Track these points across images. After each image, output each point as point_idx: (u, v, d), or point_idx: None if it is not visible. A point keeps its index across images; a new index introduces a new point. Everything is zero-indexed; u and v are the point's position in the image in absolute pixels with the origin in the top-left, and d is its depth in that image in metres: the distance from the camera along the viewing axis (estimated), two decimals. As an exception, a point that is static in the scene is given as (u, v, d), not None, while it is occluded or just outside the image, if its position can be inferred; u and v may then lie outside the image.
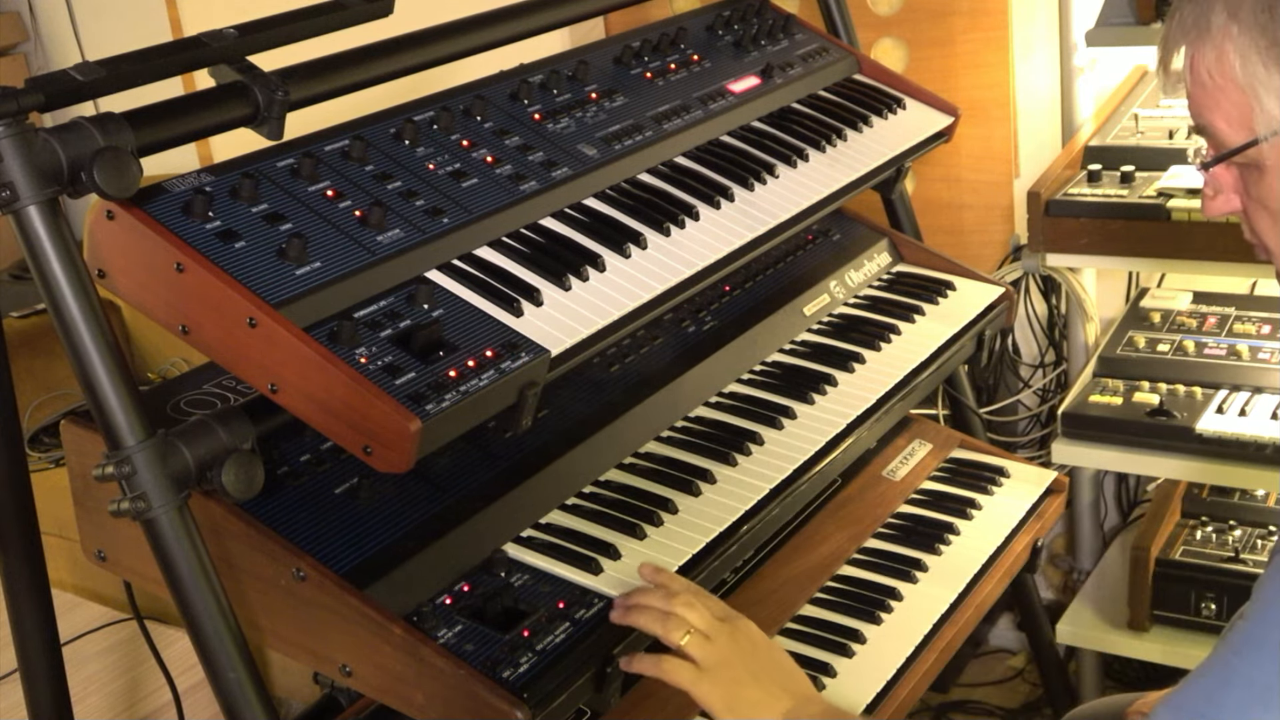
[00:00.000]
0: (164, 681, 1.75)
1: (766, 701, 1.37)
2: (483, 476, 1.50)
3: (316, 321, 1.28)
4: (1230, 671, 1.11)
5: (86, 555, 1.45)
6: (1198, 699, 1.13)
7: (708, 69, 1.95)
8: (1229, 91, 1.18)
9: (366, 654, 1.28)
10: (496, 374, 1.31)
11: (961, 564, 1.97)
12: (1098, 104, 2.64)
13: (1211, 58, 1.19)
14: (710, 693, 1.36)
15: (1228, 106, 1.19)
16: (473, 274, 1.43)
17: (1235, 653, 1.11)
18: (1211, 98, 1.21)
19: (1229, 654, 1.12)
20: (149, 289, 1.29)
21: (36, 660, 1.57)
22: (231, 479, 1.26)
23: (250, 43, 1.42)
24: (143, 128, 1.28)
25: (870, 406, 1.81)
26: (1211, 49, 1.18)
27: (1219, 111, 1.21)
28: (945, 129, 2.14)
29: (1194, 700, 1.13)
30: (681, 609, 1.37)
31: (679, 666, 1.37)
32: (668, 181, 1.72)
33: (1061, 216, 2.35)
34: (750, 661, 1.38)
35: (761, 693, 1.37)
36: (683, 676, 1.36)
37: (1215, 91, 1.20)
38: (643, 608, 1.37)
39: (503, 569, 1.42)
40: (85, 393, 1.21)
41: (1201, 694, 1.13)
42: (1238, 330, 2.39)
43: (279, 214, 1.37)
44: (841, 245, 2.18)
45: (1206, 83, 1.20)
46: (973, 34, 2.73)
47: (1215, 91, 1.20)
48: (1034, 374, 2.89)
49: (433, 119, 1.58)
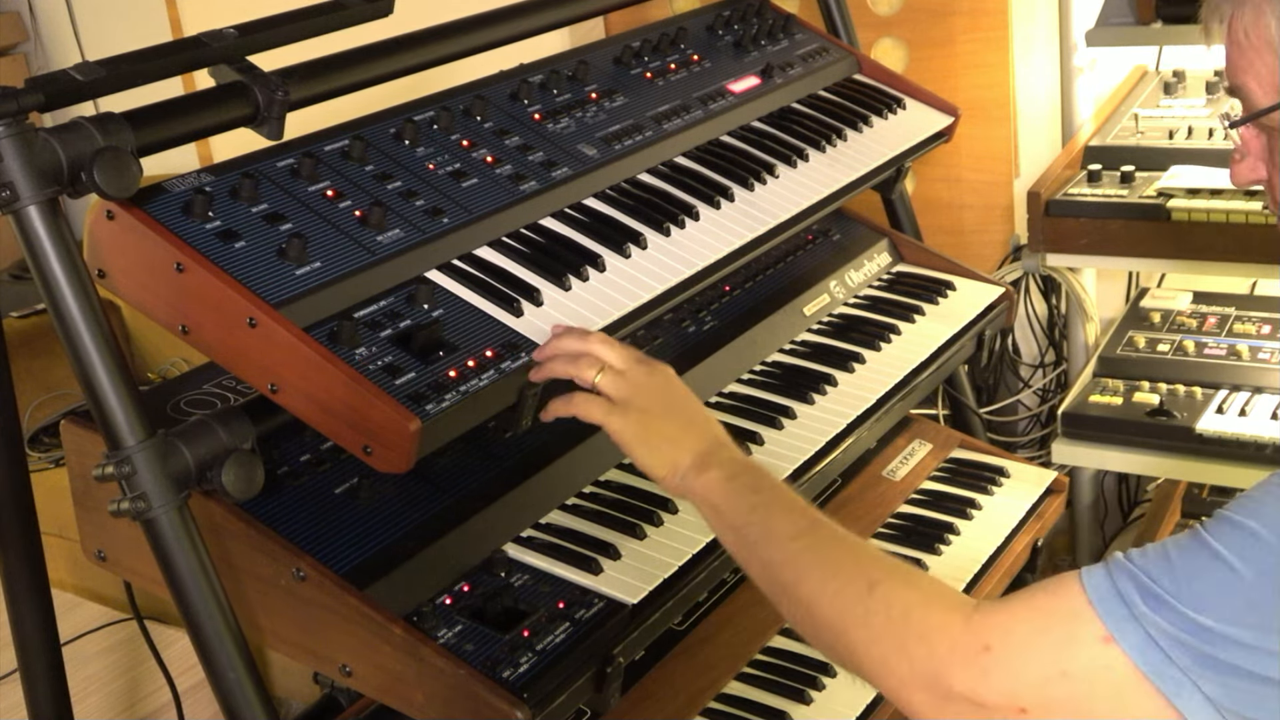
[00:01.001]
0: (164, 681, 1.75)
1: (680, 437, 1.33)
2: (483, 476, 1.50)
3: (316, 321, 1.28)
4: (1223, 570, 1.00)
5: (86, 555, 1.45)
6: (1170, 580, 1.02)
7: (708, 69, 1.95)
8: (1263, 53, 1.18)
9: (366, 654, 1.28)
10: (496, 374, 1.31)
11: (962, 564, 1.97)
12: (1098, 104, 2.64)
13: (1250, 18, 1.18)
14: (623, 426, 1.33)
15: (1260, 68, 1.18)
16: (473, 274, 1.43)
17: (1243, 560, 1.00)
18: (1246, 58, 1.20)
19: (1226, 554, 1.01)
20: (149, 289, 1.29)
21: (36, 660, 1.57)
22: (231, 479, 1.26)
23: (250, 43, 1.42)
24: (143, 128, 1.28)
25: (870, 406, 1.80)
26: (1251, 9, 1.18)
27: (1251, 73, 1.19)
28: (945, 129, 2.14)
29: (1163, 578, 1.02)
30: (597, 347, 1.35)
31: (591, 401, 1.34)
32: (668, 181, 1.72)
33: (1061, 216, 2.35)
34: (665, 398, 1.35)
35: (676, 429, 1.34)
36: (594, 410, 1.34)
37: (1250, 52, 1.19)
38: (556, 355, 1.35)
39: (503, 569, 1.41)
40: (85, 393, 1.21)
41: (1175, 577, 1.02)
42: (1238, 330, 2.40)
43: (279, 214, 1.37)
44: (841, 245, 2.18)
45: (1242, 43, 1.19)
46: (973, 34, 2.73)
47: (1250, 52, 1.19)
48: (1034, 374, 2.89)
49: (433, 119, 1.58)
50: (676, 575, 1.44)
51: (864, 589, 1.15)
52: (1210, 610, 1.00)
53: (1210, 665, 1.00)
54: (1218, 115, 2.31)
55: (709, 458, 1.31)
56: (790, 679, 1.75)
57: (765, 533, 1.24)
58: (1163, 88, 2.58)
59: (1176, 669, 1.00)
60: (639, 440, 1.33)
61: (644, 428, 1.33)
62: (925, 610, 1.12)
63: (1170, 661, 1.01)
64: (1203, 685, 1.00)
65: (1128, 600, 1.02)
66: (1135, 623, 1.02)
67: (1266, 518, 1.00)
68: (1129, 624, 1.02)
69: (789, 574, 1.20)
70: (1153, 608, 1.01)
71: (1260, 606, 0.99)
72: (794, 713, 1.71)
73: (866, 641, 1.13)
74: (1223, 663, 0.99)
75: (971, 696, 1.07)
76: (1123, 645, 1.02)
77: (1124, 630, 1.02)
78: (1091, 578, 1.05)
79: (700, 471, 1.31)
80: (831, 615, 1.16)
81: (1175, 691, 1.01)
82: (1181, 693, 1.01)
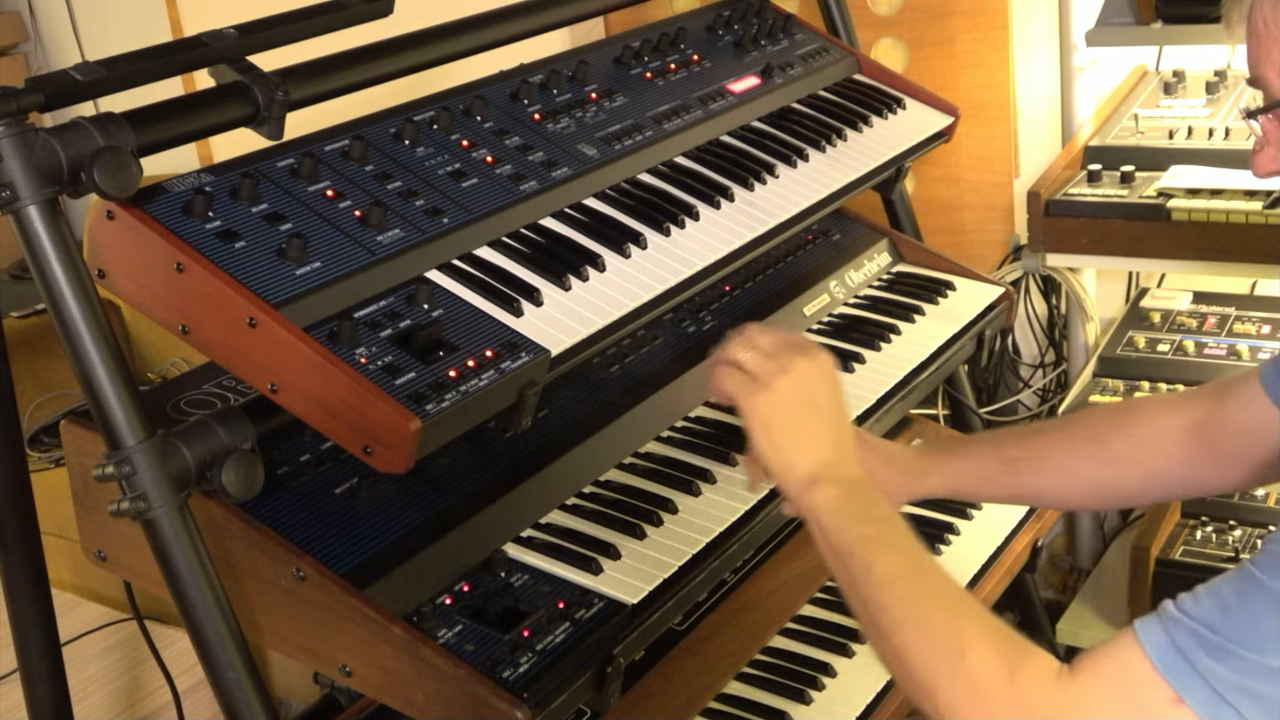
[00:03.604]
0: (164, 681, 1.74)
1: (806, 441, 1.27)
2: (483, 476, 1.50)
3: (316, 321, 1.28)
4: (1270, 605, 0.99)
5: (86, 555, 1.45)
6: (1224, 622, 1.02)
7: (708, 69, 1.95)
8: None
9: (366, 654, 1.28)
10: (496, 374, 1.31)
11: (962, 564, 1.97)
12: (1098, 104, 2.64)
13: (1269, 8, 1.17)
14: (753, 409, 1.28)
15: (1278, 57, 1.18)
16: (473, 274, 1.43)
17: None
18: (1264, 48, 1.19)
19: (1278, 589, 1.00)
20: (149, 289, 1.29)
21: (36, 660, 1.57)
22: (231, 479, 1.26)
23: (250, 43, 1.42)
24: (143, 128, 1.27)
25: (870, 406, 1.81)
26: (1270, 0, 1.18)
27: (1269, 62, 1.19)
28: (945, 129, 2.14)
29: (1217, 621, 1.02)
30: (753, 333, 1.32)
31: (731, 373, 1.30)
32: (668, 181, 1.72)
33: (1061, 216, 2.35)
34: (808, 391, 1.28)
35: (806, 429, 1.28)
36: (729, 383, 1.29)
37: (1269, 41, 1.19)
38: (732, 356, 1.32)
39: (503, 569, 1.41)
40: (85, 393, 1.21)
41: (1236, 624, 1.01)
42: (1238, 330, 2.39)
43: (279, 214, 1.37)
44: (841, 245, 2.18)
45: (1261, 33, 1.19)
46: (973, 34, 2.73)
47: (1269, 41, 1.19)
48: (1034, 374, 2.89)
49: (433, 119, 1.58)
50: (676, 575, 1.44)
51: (955, 655, 1.12)
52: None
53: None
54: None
55: (827, 470, 1.27)
56: (790, 679, 1.76)
57: (866, 569, 1.20)
58: (1163, 88, 2.58)
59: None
60: (764, 430, 1.28)
61: (775, 416, 1.28)
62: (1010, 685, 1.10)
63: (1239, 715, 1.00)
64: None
65: (1189, 657, 1.01)
66: (1200, 679, 1.01)
67: None
68: (1193, 680, 1.01)
69: (885, 620, 1.18)
70: (1219, 660, 1.00)
71: None
72: (794, 713, 1.71)
73: (953, 706, 1.12)
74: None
75: None
76: (1191, 704, 1.01)
77: (1190, 688, 1.01)
78: (1149, 637, 1.04)
79: (813, 485, 1.26)
80: (923, 674, 1.15)
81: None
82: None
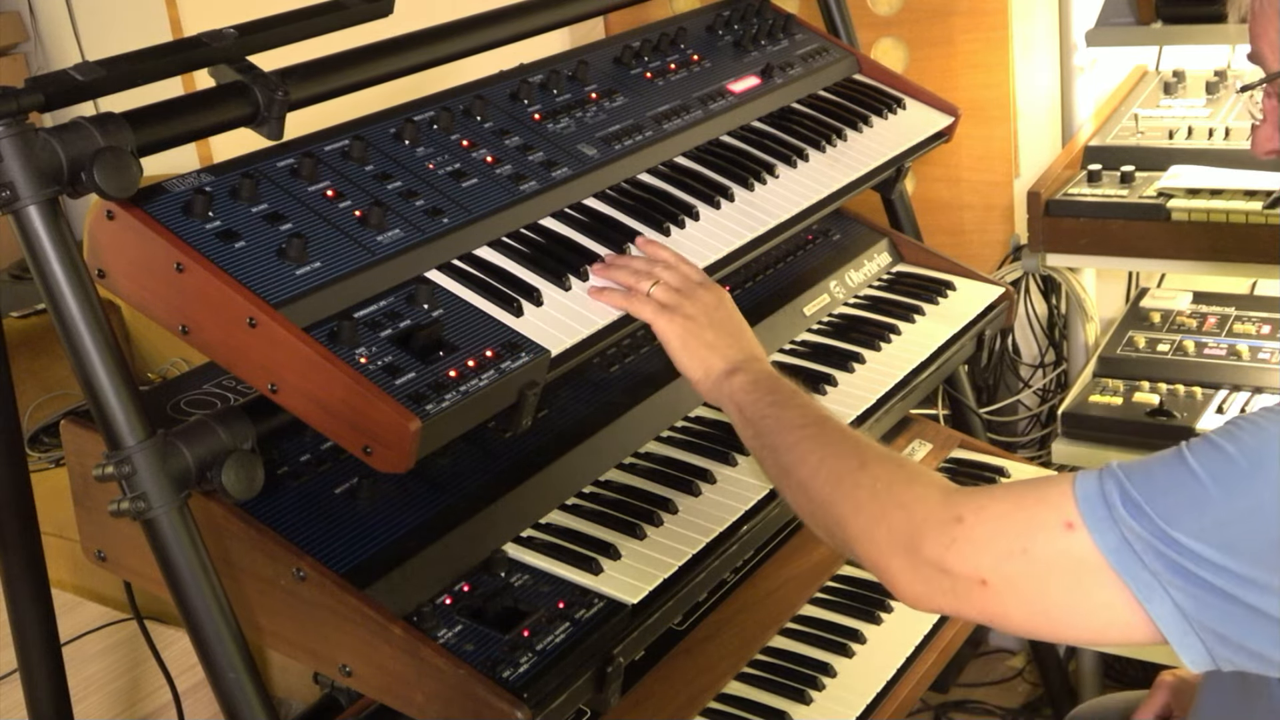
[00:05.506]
0: (164, 681, 1.74)
1: (718, 345, 1.45)
2: (483, 476, 1.50)
3: (316, 321, 1.28)
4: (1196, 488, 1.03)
5: (86, 555, 1.45)
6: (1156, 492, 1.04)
7: (708, 69, 1.95)
8: (1275, 20, 1.20)
9: (366, 654, 1.28)
10: (496, 374, 1.31)
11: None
12: (1098, 104, 2.64)
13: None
14: (667, 327, 1.45)
15: (1274, 35, 1.21)
16: (473, 274, 1.43)
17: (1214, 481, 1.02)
18: (1260, 25, 1.23)
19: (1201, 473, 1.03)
20: (149, 289, 1.29)
21: (36, 660, 1.57)
22: (231, 479, 1.26)
23: (250, 43, 1.42)
24: (143, 128, 1.28)
25: (870, 406, 1.80)
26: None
27: (1265, 39, 1.23)
28: (945, 129, 2.14)
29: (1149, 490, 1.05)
30: (659, 268, 1.49)
31: (643, 300, 1.46)
32: (668, 181, 1.72)
33: (1061, 216, 2.35)
34: (713, 312, 1.48)
35: (716, 338, 1.46)
36: (644, 308, 1.46)
37: (1263, 19, 1.22)
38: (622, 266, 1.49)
39: (503, 569, 1.41)
40: (85, 393, 1.21)
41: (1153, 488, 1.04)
42: (1238, 330, 2.39)
43: (279, 214, 1.37)
44: (841, 245, 2.18)
45: (1257, 10, 1.23)
46: (973, 34, 2.73)
47: (1263, 19, 1.22)
48: (1034, 374, 2.89)
49: (433, 119, 1.58)
50: (676, 575, 1.44)
51: (855, 465, 1.22)
52: (1181, 525, 1.02)
53: (1181, 575, 1.02)
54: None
55: (741, 365, 1.43)
56: (790, 679, 1.76)
57: (776, 423, 1.34)
58: (1163, 88, 2.58)
59: (1148, 572, 1.03)
60: (680, 343, 1.45)
61: (687, 332, 1.45)
62: (909, 484, 1.18)
63: (1143, 565, 1.03)
64: (1172, 592, 1.02)
65: (1109, 502, 1.05)
66: (1113, 524, 1.04)
67: (1243, 444, 1.03)
68: (1107, 524, 1.05)
69: (792, 457, 1.29)
70: (1130, 513, 1.04)
71: (1227, 527, 1.01)
72: (794, 713, 1.71)
73: (852, 512, 1.19)
74: (1193, 575, 1.02)
75: (939, 563, 1.12)
76: (1098, 543, 1.05)
77: (1102, 529, 1.05)
78: (1083, 478, 1.08)
79: (730, 375, 1.42)
80: (824, 491, 1.23)
81: (1146, 595, 1.03)
82: (1153, 596, 1.03)
